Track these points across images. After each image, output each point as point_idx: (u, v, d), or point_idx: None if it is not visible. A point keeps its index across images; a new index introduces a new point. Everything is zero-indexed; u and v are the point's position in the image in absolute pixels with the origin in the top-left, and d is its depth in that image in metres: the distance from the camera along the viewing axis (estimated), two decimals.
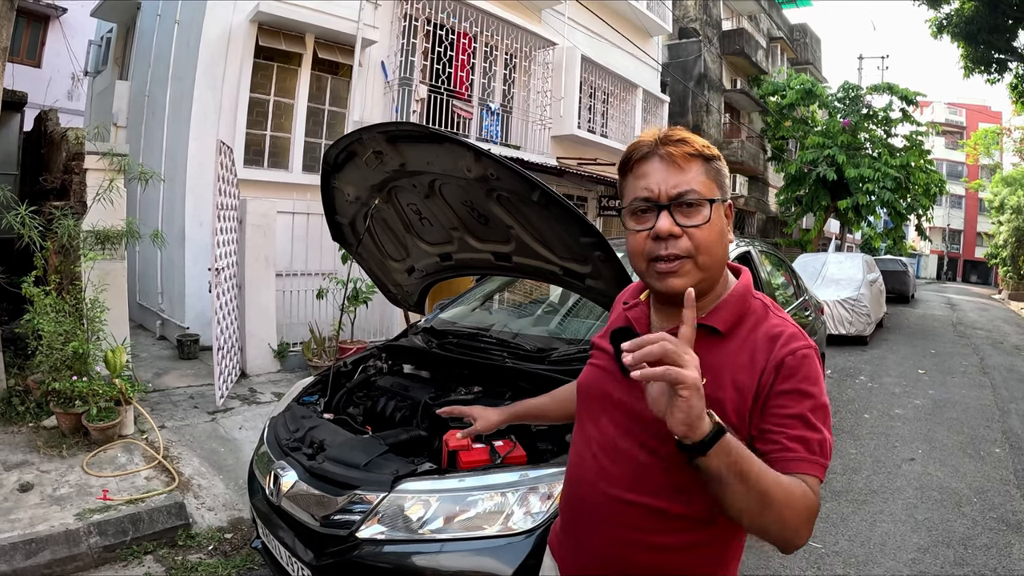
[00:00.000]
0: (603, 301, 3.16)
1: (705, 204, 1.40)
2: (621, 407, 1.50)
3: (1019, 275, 39.24)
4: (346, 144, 3.07)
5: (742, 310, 1.47)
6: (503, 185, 2.68)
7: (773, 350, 1.38)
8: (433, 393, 3.34)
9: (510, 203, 2.80)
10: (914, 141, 23.37)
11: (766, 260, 5.42)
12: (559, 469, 2.46)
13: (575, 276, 3.06)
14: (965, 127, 57.90)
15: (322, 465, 2.71)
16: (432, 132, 2.65)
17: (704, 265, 1.41)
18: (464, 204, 3.04)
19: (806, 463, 1.30)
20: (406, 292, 4.18)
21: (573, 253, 2.90)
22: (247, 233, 7.33)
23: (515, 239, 3.11)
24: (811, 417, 1.33)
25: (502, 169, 2.57)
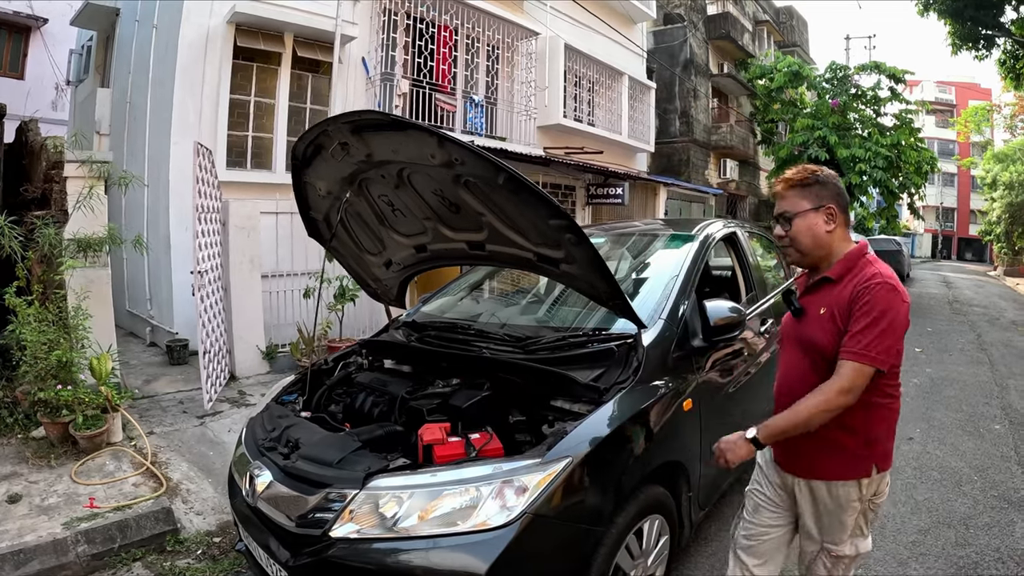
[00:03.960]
0: (579, 286, 3.11)
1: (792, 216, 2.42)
2: (794, 337, 2.52)
3: (1014, 251, 39.29)
4: (312, 137, 3.02)
5: (850, 265, 2.37)
6: (469, 170, 2.61)
7: (858, 286, 2.27)
8: (410, 387, 3.29)
9: (479, 189, 2.74)
10: (904, 119, 23.31)
11: (756, 243, 5.35)
12: (534, 461, 2.42)
13: (549, 262, 3.00)
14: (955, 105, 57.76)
15: (296, 464, 2.67)
16: (394, 119, 2.59)
17: (800, 248, 2.44)
18: (434, 193, 2.98)
19: (845, 352, 2.22)
20: (385, 286, 4.13)
21: (545, 238, 2.84)
22: (231, 235, 7.25)
23: (487, 227, 3.05)
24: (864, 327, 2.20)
25: (466, 153, 2.51)
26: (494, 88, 12.55)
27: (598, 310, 3.59)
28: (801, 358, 2.44)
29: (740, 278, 4.76)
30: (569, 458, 2.45)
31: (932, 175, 24.21)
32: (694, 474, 3.34)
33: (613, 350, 3.08)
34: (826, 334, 2.32)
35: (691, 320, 3.51)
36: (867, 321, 2.19)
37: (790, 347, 2.55)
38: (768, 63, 23.96)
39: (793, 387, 2.42)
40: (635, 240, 4.83)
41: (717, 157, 24.23)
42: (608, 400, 2.79)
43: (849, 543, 2.48)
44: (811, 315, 2.42)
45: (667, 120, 21.89)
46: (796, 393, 2.34)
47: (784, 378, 2.57)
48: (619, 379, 2.92)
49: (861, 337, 2.18)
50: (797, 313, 2.49)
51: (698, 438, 3.36)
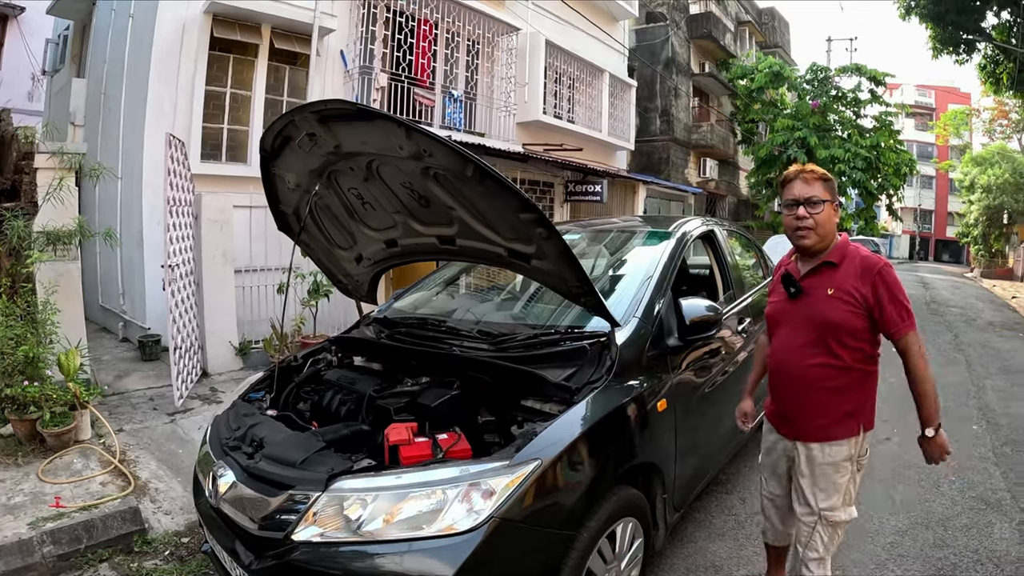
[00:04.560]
0: (550, 282, 3.04)
1: (818, 202, 2.70)
2: (794, 316, 2.83)
3: (990, 253, 39.77)
4: (280, 128, 2.93)
5: (844, 253, 2.74)
6: (438, 162, 2.53)
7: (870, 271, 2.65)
8: (379, 385, 3.21)
9: (448, 182, 2.66)
10: (883, 121, 23.50)
11: (734, 241, 5.31)
12: (502, 463, 2.35)
13: (520, 257, 2.93)
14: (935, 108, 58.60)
15: (259, 464, 2.59)
16: (361, 108, 2.50)
17: (820, 232, 2.73)
18: (404, 186, 2.90)
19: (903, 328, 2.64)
20: (356, 282, 4.05)
21: (516, 232, 2.77)
22: (203, 228, 7.13)
23: (457, 221, 2.97)
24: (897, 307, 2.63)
25: (434, 144, 2.43)
26: (473, 83, 12.47)
27: (573, 308, 3.52)
28: (804, 334, 2.78)
29: (717, 277, 4.72)
30: (538, 460, 2.38)
31: (911, 177, 24.41)
32: (668, 476, 3.29)
33: (586, 349, 3.01)
34: (840, 311, 2.68)
35: (667, 319, 3.45)
36: (893, 296, 2.63)
37: (789, 327, 2.87)
38: (749, 63, 24.18)
39: (791, 363, 2.83)
40: (612, 237, 4.77)
41: (697, 156, 24.28)
42: (580, 400, 2.72)
43: (843, 509, 2.84)
44: (818, 296, 2.75)
45: (648, 118, 21.92)
46: (793, 368, 2.82)
47: (782, 355, 2.90)
48: (591, 378, 2.86)
49: (899, 311, 2.63)
50: (795, 295, 2.83)
51: (673, 439, 3.31)
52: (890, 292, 2.63)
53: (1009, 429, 6.60)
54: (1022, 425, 6.75)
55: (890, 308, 2.62)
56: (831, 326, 2.70)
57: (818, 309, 2.74)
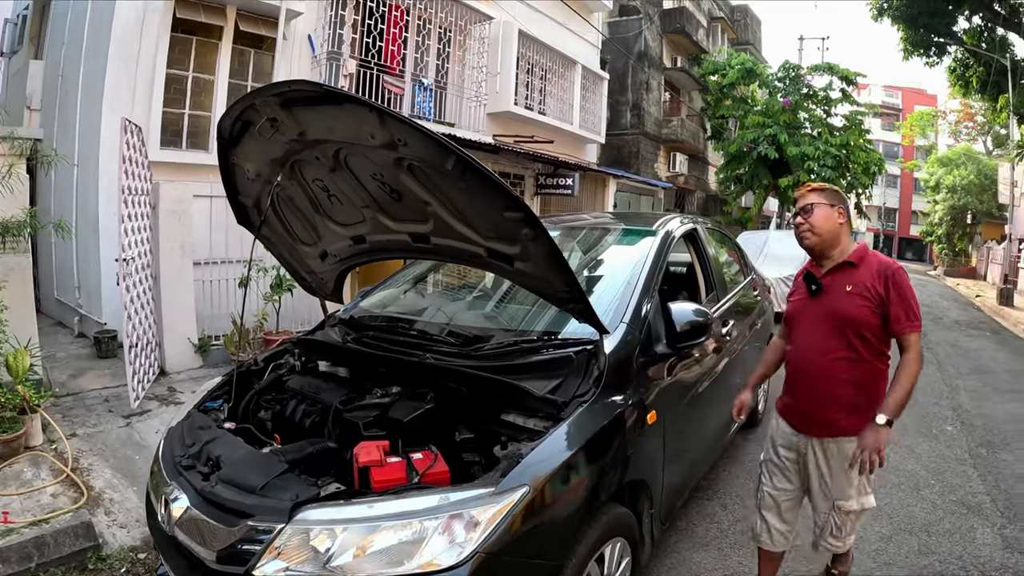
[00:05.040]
0: (534, 285, 2.80)
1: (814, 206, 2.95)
2: (814, 313, 2.99)
3: (954, 252, 40.55)
4: (239, 112, 2.64)
5: (863, 255, 2.92)
6: (413, 152, 2.28)
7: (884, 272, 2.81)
8: (345, 396, 2.93)
9: (424, 174, 2.41)
10: (853, 120, 23.65)
11: (713, 239, 5.13)
12: (486, 491, 2.11)
13: (502, 258, 2.68)
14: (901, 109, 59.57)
15: (215, 488, 2.32)
16: (329, 91, 2.23)
17: (816, 231, 2.94)
18: (374, 178, 2.63)
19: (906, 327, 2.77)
20: (321, 279, 3.76)
21: (499, 231, 2.53)
22: (161, 219, 6.80)
23: (433, 217, 2.71)
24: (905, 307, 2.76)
25: (410, 133, 2.17)
26: (444, 72, 12.17)
27: (551, 308, 3.28)
28: (824, 329, 2.94)
29: (700, 277, 4.52)
30: (525, 487, 2.14)
31: (878, 175, 24.54)
32: (657, 490, 3.09)
33: (571, 357, 2.78)
34: (857, 306, 2.85)
35: (655, 324, 3.25)
36: (902, 297, 2.78)
37: (809, 322, 3.03)
38: (721, 59, 24.14)
39: (810, 357, 3.01)
40: (586, 234, 4.55)
41: (667, 151, 24.23)
42: (567, 417, 2.49)
43: (856, 499, 3.01)
44: (837, 293, 2.92)
45: (619, 112, 21.75)
46: (815, 362, 2.98)
47: (802, 353, 3.07)
48: (579, 391, 2.63)
49: (906, 311, 2.77)
50: (816, 292, 3.01)
51: (661, 451, 3.11)
52: (900, 292, 2.78)
53: (984, 430, 6.62)
54: (996, 426, 6.78)
55: (898, 306, 2.77)
56: (849, 320, 2.87)
57: (837, 304, 2.91)
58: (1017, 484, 5.17)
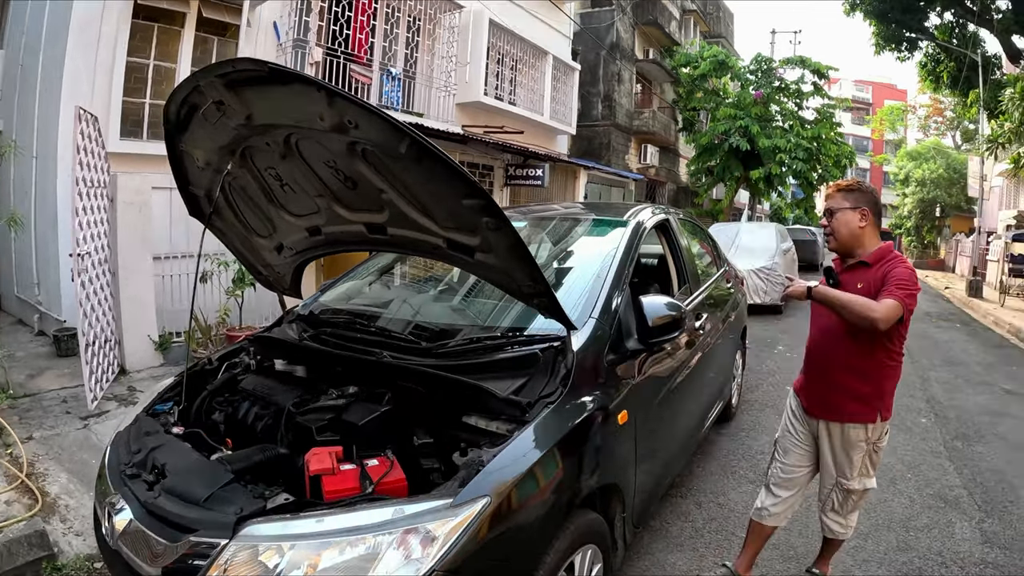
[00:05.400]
0: (497, 279, 2.64)
1: (835, 211, 3.14)
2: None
3: (923, 245, 41.14)
4: (184, 95, 2.44)
5: (882, 256, 3.04)
6: (365, 136, 2.11)
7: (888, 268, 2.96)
8: (299, 397, 2.75)
9: (378, 160, 2.23)
10: (825, 114, 23.80)
11: (686, 230, 5.00)
12: (443, 503, 1.95)
13: (462, 249, 2.51)
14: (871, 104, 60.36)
15: (158, 500, 2.15)
16: (274, 69, 2.04)
17: (837, 236, 3.16)
18: (327, 165, 2.45)
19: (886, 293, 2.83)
20: (278, 273, 3.56)
21: (458, 221, 2.37)
22: (119, 212, 6.57)
23: (388, 206, 2.53)
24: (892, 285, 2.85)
25: (361, 114, 2.01)
26: (413, 61, 12.00)
27: (519, 303, 3.08)
28: (836, 321, 3.05)
29: (673, 269, 4.39)
30: (486, 498, 1.98)
31: (849, 168, 24.72)
32: (629, 493, 2.94)
33: (537, 355, 2.63)
34: None
35: (626, 319, 3.10)
36: (899, 284, 2.86)
37: (826, 314, 3.14)
38: (694, 52, 24.16)
39: (827, 347, 3.21)
40: (556, 225, 4.38)
41: (638, 142, 24.21)
42: (533, 419, 2.33)
43: (857, 480, 3.25)
44: (850, 288, 3.04)
45: (590, 103, 21.68)
46: (829, 352, 3.19)
47: (818, 339, 3.30)
48: (545, 391, 2.47)
49: (896, 290, 2.83)
50: (833, 286, 3.10)
51: (633, 453, 2.96)
52: (895, 277, 2.89)
53: (957, 422, 6.60)
54: (969, 418, 6.78)
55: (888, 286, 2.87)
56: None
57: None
58: (993, 477, 5.15)
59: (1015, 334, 13.01)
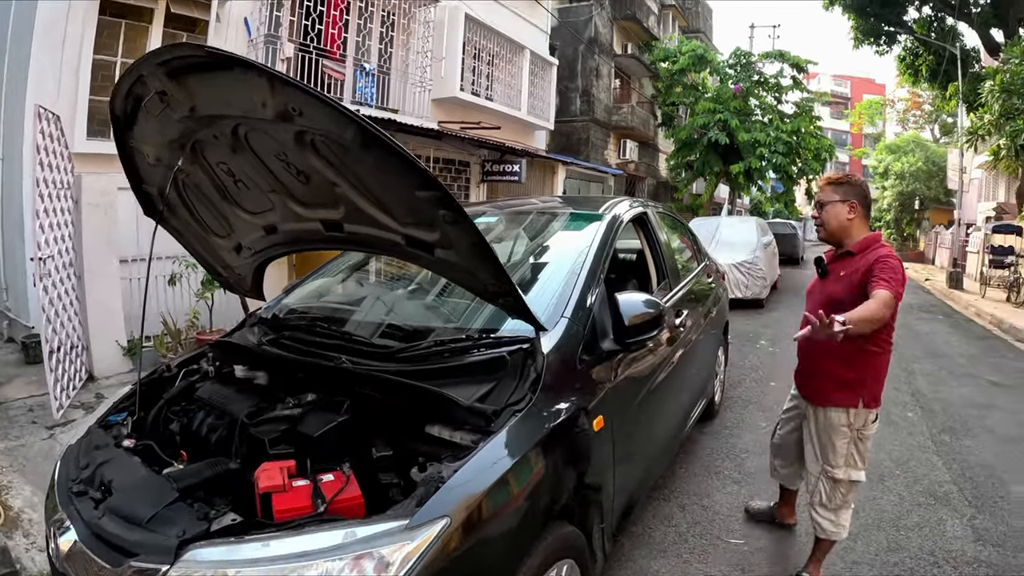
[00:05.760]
0: (459, 277, 2.49)
1: (825, 203, 3.34)
2: (818, 292, 3.42)
3: (902, 237, 41.51)
4: (127, 87, 2.26)
5: (867, 246, 3.24)
6: (312, 124, 1.95)
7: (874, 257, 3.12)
8: (254, 406, 2.56)
9: (329, 151, 2.07)
10: (804, 107, 23.85)
11: (665, 224, 4.87)
12: (398, 525, 1.79)
13: (422, 246, 2.35)
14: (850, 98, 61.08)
15: (102, 520, 1.98)
16: (211, 53, 1.88)
17: (827, 228, 3.36)
18: (278, 158, 2.28)
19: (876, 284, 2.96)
20: (238, 275, 3.38)
21: (415, 215, 2.21)
22: (84, 214, 6.37)
23: (343, 201, 2.36)
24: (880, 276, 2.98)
25: (305, 100, 1.85)
26: (388, 57, 11.81)
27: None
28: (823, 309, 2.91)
29: (651, 265, 4.26)
30: (446, 519, 1.82)
31: (829, 162, 24.79)
32: (607, 502, 2.79)
33: (505, 359, 2.46)
34: (844, 290, 3.20)
35: (600, 318, 2.96)
36: (887, 274, 3.00)
37: (814, 301, 3.34)
38: (672, 46, 24.16)
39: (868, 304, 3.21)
40: (532, 220, 4.23)
41: (617, 137, 24.17)
42: (499, 429, 2.17)
43: (843, 469, 3.33)
44: (835, 277, 3.32)
45: (568, 98, 21.61)
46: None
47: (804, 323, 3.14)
48: (512, 398, 2.30)
49: (884, 280, 2.97)
50: (823, 275, 3.45)
51: (611, 460, 2.81)
52: (882, 266, 3.04)
53: (944, 415, 6.55)
54: (955, 411, 6.73)
55: (876, 275, 3.01)
56: (836, 301, 3.14)
57: (832, 287, 3.31)
58: (982, 472, 5.08)
59: (997, 325, 13.04)
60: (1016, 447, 5.67)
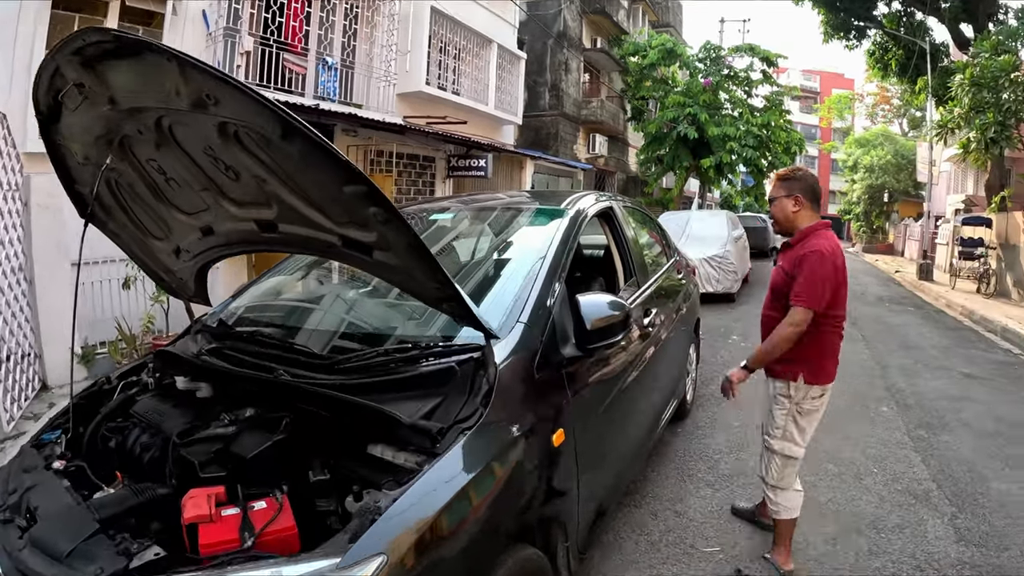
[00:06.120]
0: (401, 282, 2.30)
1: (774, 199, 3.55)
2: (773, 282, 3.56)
3: (872, 229, 42.03)
4: (48, 80, 2.07)
5: (802, 237, 3.42)
6: (228, 113, 1.76)
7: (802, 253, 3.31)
8: (188, 424, 2.35)
9: (253, 144, 1.88)
10: (774, 101, 23.90)
11: (632, 218, 4.68)
12: (329, 564, 1.58)
13: (359, 248, 2.15)
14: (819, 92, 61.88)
15: (22, 554, 1.78)
16: (118, 36, 1.68)
17: (776, 220, 3.59)
18: (206, 153, 2.09)
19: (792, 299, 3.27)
20: (180, 279, 3.15)
21: (349, 214, 2.02)
22: (33, 216, 6.08)
23: (275, 200, 2.17)
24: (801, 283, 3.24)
25: (219, 87, 1.67)
26: (351, 50, 11.58)
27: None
28: (770, 293, 3.58)
29: (618, 261, 4.07)
30: (381, 557, 1.60)
31: (799, 155, 24.85)
32: (571, 521, 2.60)
33: (454, 369, 2.25)
34: (779, 278, 3.47)
35: (560, 321, 2.74)
36: (803, 280, 3.26)
37: (768, 286, 3.63)
38: (642, 40, 24.10)
39: (765, 313, 3.59)
40: (497, 215, 4.01)
41: (586, 132, 24.08)
42: (445, 450, 1.96)
43: (779, 441, 3.51)
44: (779, 265, 3.53)
45: (537, 93, 21.49)
46: (765, 317, 3.57)
47: (764, 307, 3.64)
48: (461, 414, 2.09)
49: (800, 291, 3.25)
50: (774, 263, 3.67)
51: (574, 475, 2.61)
52: (804, 272, 3.26)
53: (919, 410, 6.47)
54: (931, 405, 6.65)
55: (797, 282, 3.28)
56: (775, 287, 3.53)
57: (775, 276, 3.56)
58: (960, 468, 4.99)
59: (968, 316, 13.14)
60: (993, 442, 5.59)
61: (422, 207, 4.31)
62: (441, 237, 3.75)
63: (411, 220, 4.01)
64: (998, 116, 14.29)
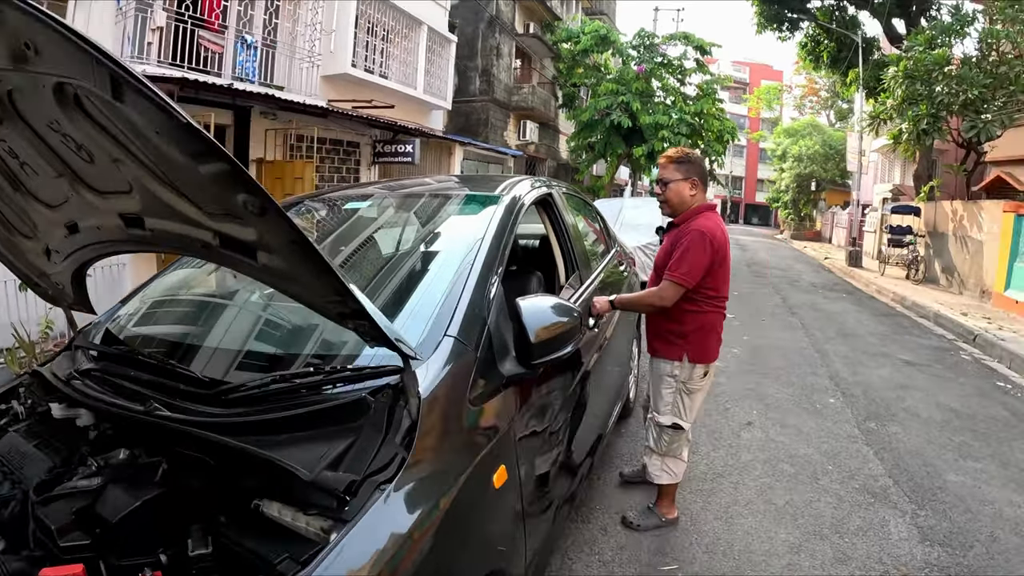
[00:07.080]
0: (295, 292, 1.78)
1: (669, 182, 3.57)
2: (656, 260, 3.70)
3: (799, 217, 43.08)
4: None
5: (687, 217, 3.54)
6: (57, 67, 1.30)
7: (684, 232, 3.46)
8: (50, 471, 1.83)
9: (97, 111, 1.40)
10: (707, 89, 24.04)
11: (571, 205, 4.25)
12: None
13: (240, 248, 1.64)
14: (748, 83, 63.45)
15: None
16: None
17: (671, 204, 3.61)
18: (52, 128, 1.58)
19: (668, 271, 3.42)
20: (56, 284, 2.59)
21: (217, 203, 1.51)
22: None
23: (136, 186, 1.66)
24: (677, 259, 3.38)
25: (31, 26, 1.19)
26: (273, 28, 10.94)
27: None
28: (654, 275, 3.67)
29: (559, 254, 3.60)
30: None
31: (730, 144, 25.05)
32: (518, 566, 2.15)
33: (367, 402, 1.75)
34: (662, 257, 3.58)
35: (498, 331, 2.28)
36: (678, 255, 3.37)
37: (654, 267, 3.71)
38: (575, 27, 23.98)
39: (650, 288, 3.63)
40: (424, 203, 3.47)
41: (517, 118, 23.85)
42: (357, 514, 1.49)
43: (668, 416, 3.61)
44: (665, 244, 3.59)
45: (467, 78, 21.18)
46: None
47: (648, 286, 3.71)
48: (376, 463, 1.62)
49: (674, 265, 3.38)
50: (661, 242, 3.71)
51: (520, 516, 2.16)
52: (682, 249, 3.37)
53: (866, 400, 6.42)
54: (876, 394, 6.64)
55: (674, 258, 3.40)
56: (657, 265, 3.62)
57: (658, 255, 3.63)
58: (914, 461, 4.92)
59: (899, 302, 13.40)
60: (942, 432, 5.55)
61: (342, 193, 3.82)
62: (359, 229, 3.24)
63: (327, 207, 3.58)
64: (931, 108, 14.53)
